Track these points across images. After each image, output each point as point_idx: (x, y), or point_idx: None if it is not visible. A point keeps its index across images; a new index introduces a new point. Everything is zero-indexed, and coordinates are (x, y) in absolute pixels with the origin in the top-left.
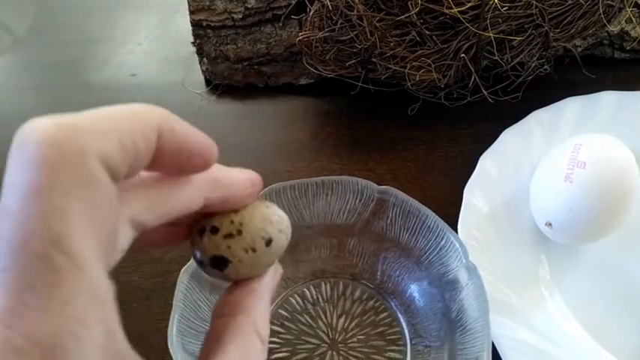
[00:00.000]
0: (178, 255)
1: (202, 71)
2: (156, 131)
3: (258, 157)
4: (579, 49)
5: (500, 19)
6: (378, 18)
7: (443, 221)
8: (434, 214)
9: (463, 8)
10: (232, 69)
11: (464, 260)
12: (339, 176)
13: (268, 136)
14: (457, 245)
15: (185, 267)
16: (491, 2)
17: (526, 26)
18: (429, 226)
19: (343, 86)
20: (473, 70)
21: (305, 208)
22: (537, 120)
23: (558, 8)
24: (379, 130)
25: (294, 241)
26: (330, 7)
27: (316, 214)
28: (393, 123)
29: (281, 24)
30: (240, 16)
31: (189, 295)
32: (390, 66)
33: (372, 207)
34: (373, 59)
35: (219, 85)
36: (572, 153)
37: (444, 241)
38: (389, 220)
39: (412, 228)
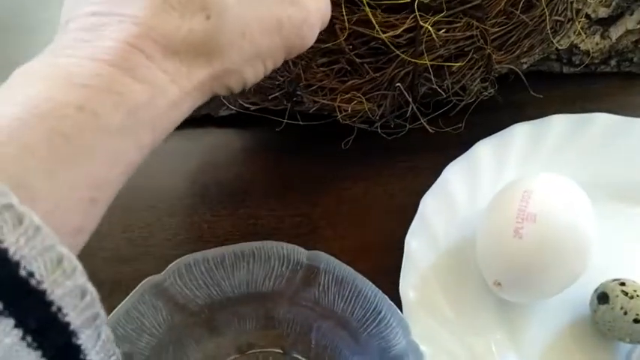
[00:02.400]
0: None
1: None
2: None
3: (172, 204)
4: (525, 67)
5: (437, 44)
6: None
7: (381, 292)
8: (370, 283)
9: (396, 32)
10: None
11: (404, 340)
12: (262, 242)
13: (184, 178)
14: (397, 320)
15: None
16: (425, 27)
17: (466, 49)
18: (365, 296)
19: (268, 118)
20: (410, 99)
21: (223, 279)
22: (482, 152)
23: (501, 28)
24: (311, 168)
25: (211, 314)
26: None
27: (237, 283)
28: (326, 158)
29: None
30: None
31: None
32: (317, 99)
33: (302, 273)
34: (298, 92)
35: None
36: (521, 203)
37: (382, 314)
38: (321, 288)
39: (347, 297)
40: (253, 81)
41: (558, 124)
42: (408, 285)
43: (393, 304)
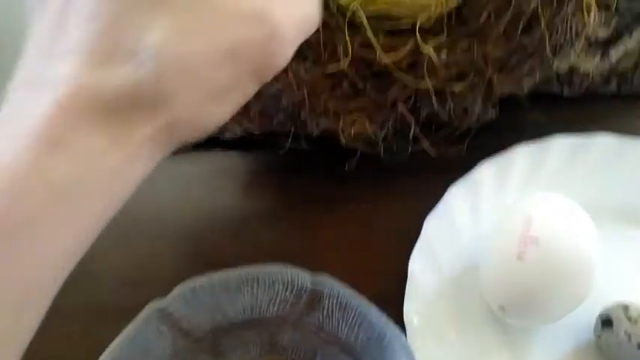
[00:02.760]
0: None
1: None
2: None
3: (177, 228)
4: (526, 89)
5: (438, 66)
6: (304, 69)
7: (385, 317)
8: (375, 308)
9: (398, 56)
10: None
11: None
12: (265, 266)
13: (188, 201)
14: (401, 347)
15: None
16: (426, 51)
17: (467, 72)
18: (369, 322)
19: (273, 140)
20: (412, 122)
21: (227, 304)
22: (485, 173)
23: (501, 50)
24: (314, 190)
25: (216, 340)
26: None
27: (241, 308)
28: (329, 181)
29: None
30: None
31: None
32: (321, 122)
33: (306, 298)
34: (302, 115)
35: None
36: (523, 227)
37: (386, 340)
38: (325, 312)
39: (351, 322)
40: (220, 122)
41: (559, 145)
42: (412, 310)
43: (397, 328)
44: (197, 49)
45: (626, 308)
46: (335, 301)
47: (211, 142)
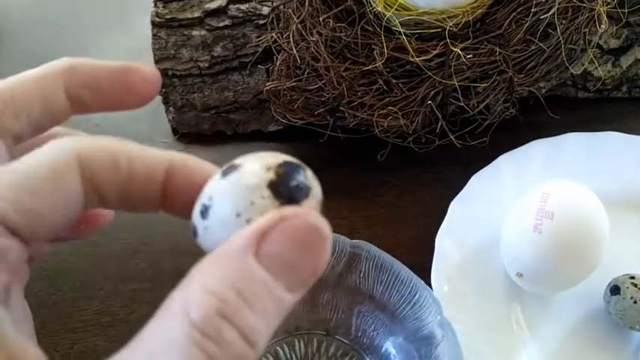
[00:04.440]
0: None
1: (169, 120)
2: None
3: None
4: (543, 91)
5: (464, 67)
6: (344, 68)
7: (416, 276)
8: (407, 268)
9: (428, 57)
10: (199, 117)
11: (438, 317)
12: None
13: None
14: (431, 300)
15: None
16: (454, 52)
17: (490, 72)
18: (402, 280)
19: (313, 132)
20: (440, 116)
21: None
22: (505, 164)
23: (521, 54)
24: (350, 177)
25: None
26: (297, 57)
27: None
28: (363, 169)
29: (248, 72)
30: (207, 65)
31: None
32: (357, 114)
33: (345, 261)
34: (341, 108)
35: (186, 134)
36: (540, 203)
37: (417, 296)
38: (362, 274)
39: (385, 282)
40: None
41: (574, 141)
42: (440, 277)
43: (427, 286)
44: None
45: (632, 277)
46: (371, 263)
47: (257, 134)
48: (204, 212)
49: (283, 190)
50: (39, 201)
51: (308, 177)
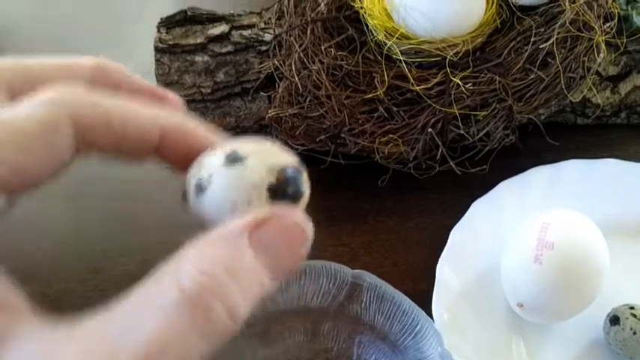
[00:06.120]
0: None
1: None
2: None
3: None
4: (543, 117)
5: (464, 95)
6: (345, 95)
7: (417, 306)
8: (408, 299)
9: (428, 85)
10: None
11: (439, 348)
12: (313, 261)
13: None
14: (432, 332)
15: None
16: (454, 81)
17: (490, 100)
18: (403, 311)
19: (314, 157)
20: (440, 143)
21: (278, 294)
22: (505, 191)
23: (521, 83)
24: (351, 202)
25: (267, 327)
26: (299, 85)
27: (290, 298)
28: (364, 194)
29: (250, 97)
30: (209, 90)
31: None
32: (359, 141)
33: (346, 290)
34: (342, 135)
35: None
36: (540, 233)
37: (418, 327)
38: (363, 304)
39: (387, 312)
40: None
41: (573, 167)
42: (440, 307)
43: (428, 317)
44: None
45: (632, 308)
46: (373, 294)
47: None
48: (200, 188)
49: (280, 195)
50: (27, 157)
51: (303, 182)
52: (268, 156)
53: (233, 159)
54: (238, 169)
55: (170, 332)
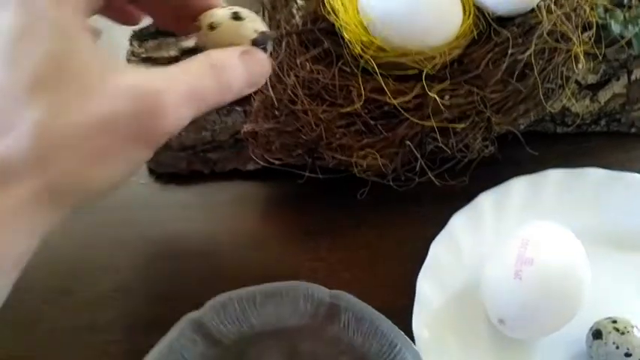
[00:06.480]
0: None
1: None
2: None
3: (205, 250)
4: (522, 127)
5: (443, 108)
6: (322, 109)
7: (396, 327)
8: (386, 319)
9: (406, 99)
10: (176, 157)
11: None
12: (289, 282)
13: (215, 225)
14: (411, 354)
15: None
16: (430, 95)
17: (468, 113)
18: (382, 332)
19: (291, 172)
20: (418, 156)
21: (253, 316)
22: (485, 203)
23: (499, 94)
24: (329, 216)
25: (246, 347)
26: (274, 99)
27: (266, 319)
28: (342, 208)
29: (225, 111)
30: None
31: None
32: (336, 156)
33: (324, 311)
34: (319, 149)
35: (163, 174)
36: (520, 249)
37: (397, 348)
38: (342, 324)
39: (366, 333)
40: (113, 185)
41: (553, 177)
42: (421, 323)
43: (407, 338)
44: (72, 121)
45: (614, 322)
46: (351, 314)
47: (235, 173)
48: (212, 27)
49: (256, 45)
50: None
51: (269, 43)
52: (255, 22)
53: (236, 17)
54: (239, 24)
55: (200, 79)
